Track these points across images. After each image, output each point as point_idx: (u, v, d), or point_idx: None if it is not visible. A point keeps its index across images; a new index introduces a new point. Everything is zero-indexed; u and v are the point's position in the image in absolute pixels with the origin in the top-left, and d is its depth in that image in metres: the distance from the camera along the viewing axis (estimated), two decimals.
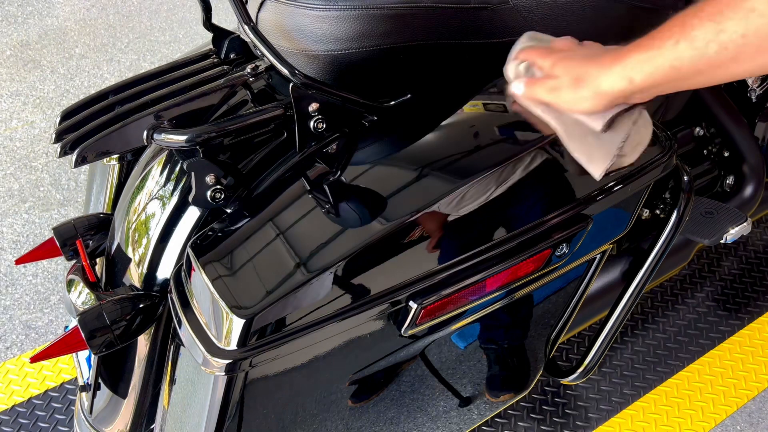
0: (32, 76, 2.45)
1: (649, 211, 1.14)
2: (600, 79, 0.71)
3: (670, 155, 0.90)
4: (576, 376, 1.15)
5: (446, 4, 0.86)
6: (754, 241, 1.74)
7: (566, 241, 0.86)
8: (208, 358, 0.71)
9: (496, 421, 1.37)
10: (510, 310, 0.94)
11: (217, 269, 0.73)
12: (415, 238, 0.76)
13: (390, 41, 0.85)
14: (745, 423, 1.38)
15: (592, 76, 0.72)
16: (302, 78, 0.78)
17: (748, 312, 1.58)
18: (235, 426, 0.77)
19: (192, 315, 0.75)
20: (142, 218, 0.90)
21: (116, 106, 0.90)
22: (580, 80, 0.73)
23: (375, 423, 0.91)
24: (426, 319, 0.81)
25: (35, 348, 1.57)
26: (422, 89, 0.90)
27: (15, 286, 1.71)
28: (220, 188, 0.79)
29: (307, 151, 0.84)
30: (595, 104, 0.73)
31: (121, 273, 0.91)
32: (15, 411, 1.42)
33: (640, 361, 1.48)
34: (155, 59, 2.55)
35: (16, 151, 2.13)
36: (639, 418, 1.38)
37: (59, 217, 1.90)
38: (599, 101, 0.73)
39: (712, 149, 1.35)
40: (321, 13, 0.83)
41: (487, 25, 0.89)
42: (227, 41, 1.01)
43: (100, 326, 0.81)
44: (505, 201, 0.81)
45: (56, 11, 2.82)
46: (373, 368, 0.85)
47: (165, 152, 0.92)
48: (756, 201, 1.33)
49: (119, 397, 0.95)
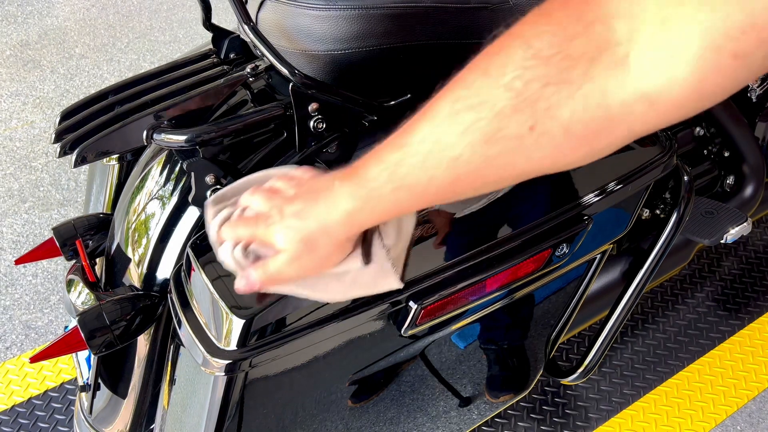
0: (32, 76, 2.45)
1: (649, 211, 1.14)
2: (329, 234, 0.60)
3: (670, 155, 0.90)
4: (576, 376, 1.15)
5: (446, 4, 0.86)
6: (754, 241, 1.74)
7: (566, 241, 0.86)
8: (207, 358, 0.71)
9: (496, 421, 1.37)
10: (510, 310, 0.94)
11: (217, 269, 0.73)
12: (414, 238, 0.76)
13: (390, 41, 0.85)
14: (746, 423, 1.38)
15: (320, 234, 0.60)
16: (302, 78, 0.78)
17: (749, 312, 1.58)
18: (235, 426, 0.77)
19: (192, 315, 0.75)
20: (141, 218, 0.90)
21: (116, 106, 0.90)
22: (313, 243, 0.60)
23: (375, 423, 0.91)
24: (426, 319, 0.80)
25: (35, 348, 1.57)
26: (422, 89, 0.89)
27: (15, 286, 1.71)
28: (220, 188, 0.79)
29: (307, 151, 0.84)
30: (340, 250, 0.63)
31: (120, 273, 0.91)
32: (15, 411, 1.42)
33: (640, 361, 1.48)
34: (155, 59, 2.55)
35: (15, 151, 2.12)
36: (639, 418, 1.38)
37: (59, 217, 1.90)
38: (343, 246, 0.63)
39: (713, 149, 1.35)
40: (321, 13, 0.83)
41: (487, 25, 0.89)
42: (227, 41, 1.00)
43: (100, 326, 0.81)
44: (506, 201, 0.81)
45: (56, 11, 2.82)
46: (373, 368, 0.84)
47: (165, 152, 0.92)
48: (756, 201, 1.33)
49: (119, 398, 0.95)
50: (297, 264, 0.62)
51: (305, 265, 0.62)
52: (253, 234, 0.64)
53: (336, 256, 0.64)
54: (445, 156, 0.53)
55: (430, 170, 0.54)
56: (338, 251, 0.63)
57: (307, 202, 0.61)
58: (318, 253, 0.62)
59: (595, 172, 0.88)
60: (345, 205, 0.58)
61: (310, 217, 0.60)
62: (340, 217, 0.59)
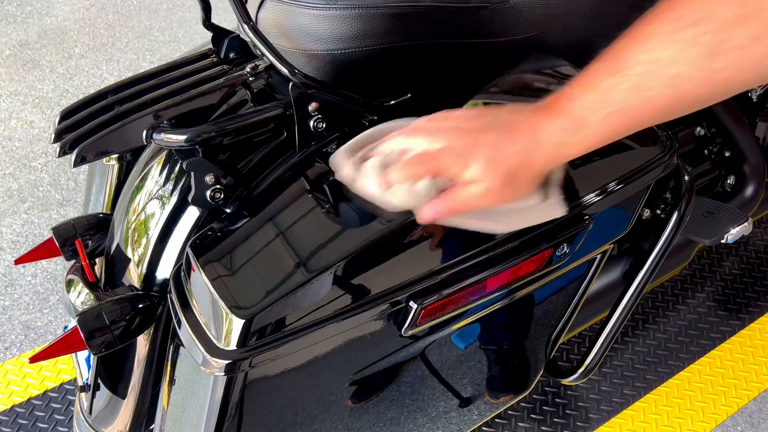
0: (31, 75, 2.45)
1: (649, 211, 1.14)
2: (533, 165, 0.61)
3: (670, 155, 0.89)
4: (576, 376, 1.15)
5: (446, 3, 0.86)
6: (754, 241, 1.74)
7: (567, 241, 0.86)
8: (207, 358, 0.71)
9: (497, 421, 1.37)
10: (510, 311, 0.94)
11: (217, 269, 0.73)
12: (415, 238, 0.76)
13: (390, 41, 0.85)
14: (746, 423, 1.38)
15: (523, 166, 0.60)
16: (302, 77, 0.78)
17: (749, 312, 1.58)
18: (235, 426, 0.77)
19: (191, 315, 0.75)
20: (141, 218, 0.90)
21: (115, 105, 0.90)
22: (513, 175, 0.60)
23: (375, 423, 0.91)
24: (426, 319, 0.80)
25: (34, 348, 1.57)
26: (422, 89, 0.89)
27: (14, 286, 1.71)
28: (220, 188, 0.79)
29: (307, 151, 0.83)
30: (534, 183, 0.64)
31: (120, 273, 0.91)
32: (14, 411, 1.42)
33: (640, 361, 1.48)
34: (155, 59, 2.55)
35: (15, 151, 2.12)
36: (639, 418, 1.38)
37: (58, 217, 1.90)
38: (538, 179, 0.64)
39: (713, 149, 1.34)
40: (321, 12, 0.83)
41: (487, 24, 0.89)
42: (227, 41, 1.00)
43: (100, 326, 0.80)
44: None
45: (56, 11, 2.82)
46: (373, 368, 0.84)
47: (164, 152, 0.92)
48: (757, 201, 1.33)
49: (119, 398, 0.95)
50: (491, 196, 0.62)
51: (499, 198, 0.62)
52: (435, 169, 0.62)
53: (529, 189, 0.63)
54: (663, 75, 0.53)
55: (647, 91, 0.53)
56: (533, 185, 0.63)
57: (504, 134, 0.60)
58: (515, 186, 0.61)
59: (596, 171, 0.87)
60: (553, 139, 0.58)
61: (512, 151, 0.60)
62: (547, 151, 0.59)
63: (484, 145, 0.61)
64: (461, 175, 0.62)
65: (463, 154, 0.61)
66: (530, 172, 0.61)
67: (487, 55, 0.91)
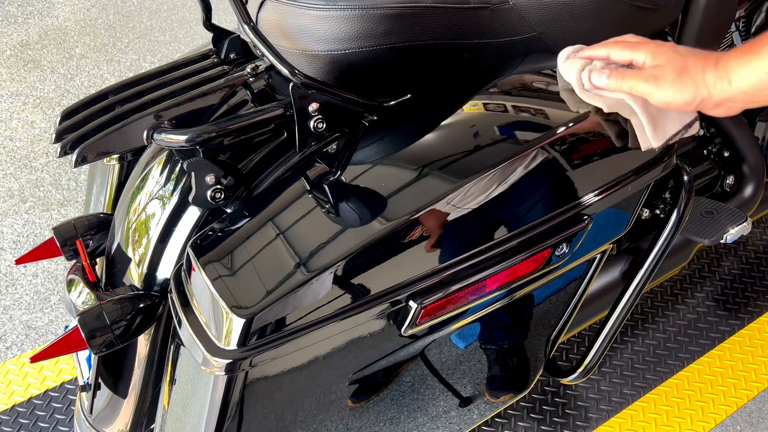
0: (32, 76, 2.45)
1: (649, 210, 1.14)
2: (705, 74, 0.70)
3: (670, 155, 0.90)
4: (576, 376, 1.15)
5: (446, 4, 0.86)
6: (754, 240, 1.74)
7: (566, 241, 0.86)
8: (208, 357, 0.71)
9: (496, 421, 1.37)
10: (510, 310, 0.94)
11: (217, 269, 0.73)
12: (415, 237, 0.76)
13: (390, 41, 0.85)
14: (745, 423, 1.38)
15: (697, 68, 0.71)
16: (302, 78, 0.78)
17: (748, 312, 1.58)
18: (235, 426, 0.77)
19: (192, 315, 0.75)
20: (142, 218, 0.90)
21: (116, 106, 0.90)
22: (685, 70, 0.71)
23: (375, 423, 0.91)
24: (426, 318, 0.81)
25: (35, 348, 1.57)
26: (422, 89, 0.90)
27: (15, 286, 1.71)
28: (220, 188, 0.79)
29: (307, 151, 0.84)
30: (694, 97, 0.71)
31: (121, 273, 0.91)
32: (15, 411, 1.42)
33: (640, 361, 1.48)
34: (155, 59, 2.55)
35: (16, 151, 2.13)
36: (639, 418, 1.38)
37: (59, 217, 1.90)
38: (698, 94, 0.71)
39: (712, 149, 1.35)
40: (321, 13, 0.83)
41: (487, 25, 0.89)
42: (227, 41, 1.01)
43: (100, 326, 0.81)
44: (505, 201, 0.81)
45: (56, 11, 2.82)
46: (373, 368, 0.85)
47: (165, 152, 0.92)
48: (756, 201, 1.33)
49: (119, 397, 0.95)
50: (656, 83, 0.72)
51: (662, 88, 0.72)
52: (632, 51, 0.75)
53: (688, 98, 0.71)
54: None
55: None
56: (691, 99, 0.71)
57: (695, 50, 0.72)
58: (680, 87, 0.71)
59: (596, 172, 0.88)
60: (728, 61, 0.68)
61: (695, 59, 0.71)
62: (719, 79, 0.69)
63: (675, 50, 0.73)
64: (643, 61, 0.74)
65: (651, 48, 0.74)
66: (699, 79, 0.70)
67: (487, 55, 0.92)
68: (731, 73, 0.68)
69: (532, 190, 0.83)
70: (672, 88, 0.72)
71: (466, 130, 0.86)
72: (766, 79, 0.66)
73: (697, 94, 0.71)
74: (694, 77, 0.70)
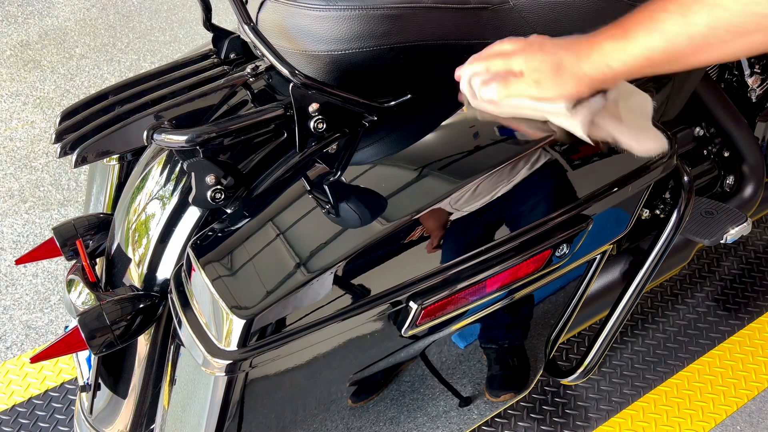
0: (32, 76, 2.45)
1: (649, 211, 1.14)
2: (580, 64, 0.73)
3: (670, 155, 0.90)
4: (576, 376, 1.15)
5: (446, 4, 0.86)
6: (754, 241, 1.74)
7: (567, 242, 0.86)
8: (208, 358, 0.71)
9: (496, 421, 1.37)
10: (510, 310, 0.94)
11: (218, 269, 0.73)
12: (415, 238, 0.76)
13: (390, 41, 0.85)
14: (745, 423, 1.38)
15: (571, 62, 0.73)
16: (302, 78, 0.78)
17: (748, 312, 1.58)
18: (235, 426, 0.77)
19: (192, 315, 0.75)
20: (142, 218, 0.90)
21: (116, 106, 0.91)
22: (560, 67, 0.74)
23: (375, 423, 0.91)
24: (426, 319, 0.81)
25: (35, 348, 1.57)
26: (422, 89, 0.90)
27: (15, 286, 1.71)
28: (220, 188, 0.79)
29: (307, 151, 0.84)
30: (578, 88, 0.75)
31: (121, 273, 0.91)
32: (15, 411, 1.42)
33: (640, 361, 1.48)
34: (155, 59, 2.55)
35: (16, 151, 2.13)
36: (639, 418, 1.38)
37: (59, 217, 1.90)
38: (581, 84, 0.74)
39: (712, 149, 1.35)
40: (321, 13, 0.83)
41: (487, 25, 0.89)
42: (227, 41, 1.01)
43: (100, 326, 0.81)
44: (506, 201, 0.81)
45: (56, 11, 2.82)
46: (374, 368, 0.85)
47: (165, 152, 0.92)
48: (756, 201, 1.33)
49: (119, 398, 0.95)
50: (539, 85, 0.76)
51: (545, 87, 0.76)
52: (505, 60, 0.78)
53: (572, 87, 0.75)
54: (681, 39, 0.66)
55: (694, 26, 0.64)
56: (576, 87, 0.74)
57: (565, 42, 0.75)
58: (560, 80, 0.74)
59: (596, 172, 0.88)
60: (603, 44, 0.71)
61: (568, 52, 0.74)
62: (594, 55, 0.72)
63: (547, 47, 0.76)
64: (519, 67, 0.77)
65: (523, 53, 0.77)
66: (577, 71, 0.73)
67: None
68: (608, 59, 0.71)
69: (533, 190, 0.83)
70: (555, 87, 0.75)
71: (466, 131, 0.86)
72: (643, 60, 0.69)
73: (580, 83, 0.74)
74: (571, 70, 0.74)
